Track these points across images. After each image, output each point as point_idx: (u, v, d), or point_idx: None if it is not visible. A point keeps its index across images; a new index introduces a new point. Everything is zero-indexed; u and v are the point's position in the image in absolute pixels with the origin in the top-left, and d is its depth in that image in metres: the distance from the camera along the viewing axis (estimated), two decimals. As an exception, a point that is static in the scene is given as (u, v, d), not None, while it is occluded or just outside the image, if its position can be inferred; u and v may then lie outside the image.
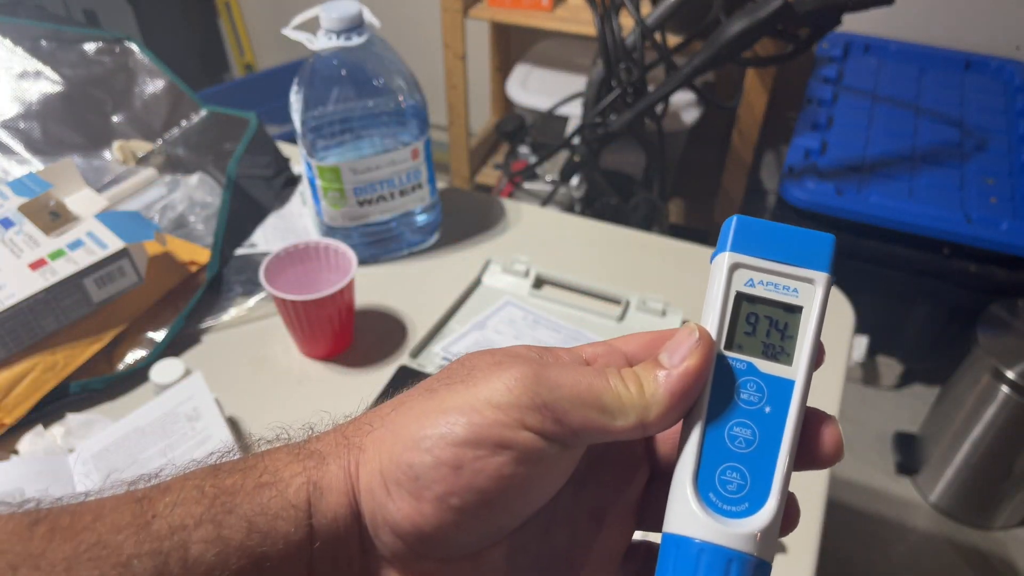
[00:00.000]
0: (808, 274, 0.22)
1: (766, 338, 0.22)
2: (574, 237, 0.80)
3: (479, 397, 0.22)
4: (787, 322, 0.22)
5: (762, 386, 0.22)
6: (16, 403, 0.59)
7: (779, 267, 0.22)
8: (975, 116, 1.40)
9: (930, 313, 1.34)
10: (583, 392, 0.22)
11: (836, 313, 0.70)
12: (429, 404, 0.23)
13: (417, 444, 0.22)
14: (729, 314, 0.22)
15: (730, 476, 0.21)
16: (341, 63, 0.65)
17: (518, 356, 0.23)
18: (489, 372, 0.23)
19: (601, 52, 1.04)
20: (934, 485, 1.31)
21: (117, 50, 0.86)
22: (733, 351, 0.22)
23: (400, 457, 0.22)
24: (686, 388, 0.22)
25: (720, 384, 0.22)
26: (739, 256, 0.22)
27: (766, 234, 0.22)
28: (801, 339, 0.22)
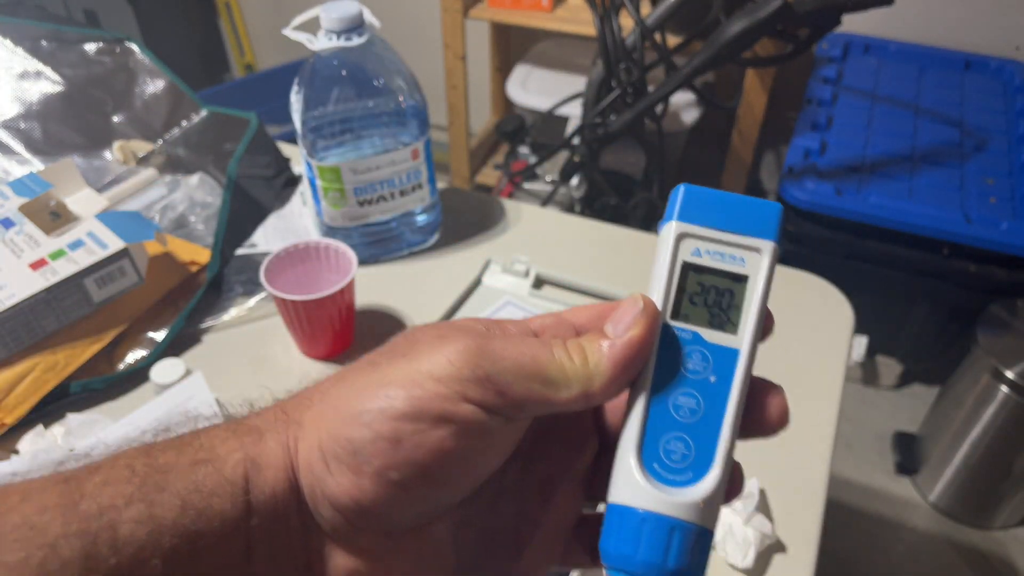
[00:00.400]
0: (755, 243, 0.22)
1: (712, 307, 0.22)
2: (574, 237, 0.80)
3: (420, 370, 0.22)
4: (733, 291, 0.22)
5: (707, 355, 0.22)
6: (16, 403, 0.59)
7: (726, 236, 0.22)
8: (975, 116, 1.40)
9: (930, 313, 1.34)
10: (526, 364, 0.22)
11: (836, 313, 0.70)
12: (370, 378, 0.23)
13: (356, 418, 0.22)
14: (675, 284, 0.22)
15: (674, 446, 0.22)
16: (341, 63, 0.65)
17: (462, 329, 0.23)
18: (432, 345, 0.22)
19: (601, 52, 1.04)
20: (934, 485, 1.31)
21: (117, 50, 0.86)
22: (679, 321, 0.22)
23: (339, 431, 0.22)
24: (629, 358, 0.22)
25: (665, 354, 0.22)
26: (686, 226, 0.22)
27: (713, 203, 0.22)
28: (747, 308, 0.22)
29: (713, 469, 0.21)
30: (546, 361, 0.22)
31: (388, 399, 0.21)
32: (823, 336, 0.68)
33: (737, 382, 0.22)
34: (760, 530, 0.50)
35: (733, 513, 0.51)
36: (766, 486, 0.55)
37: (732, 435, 0.22)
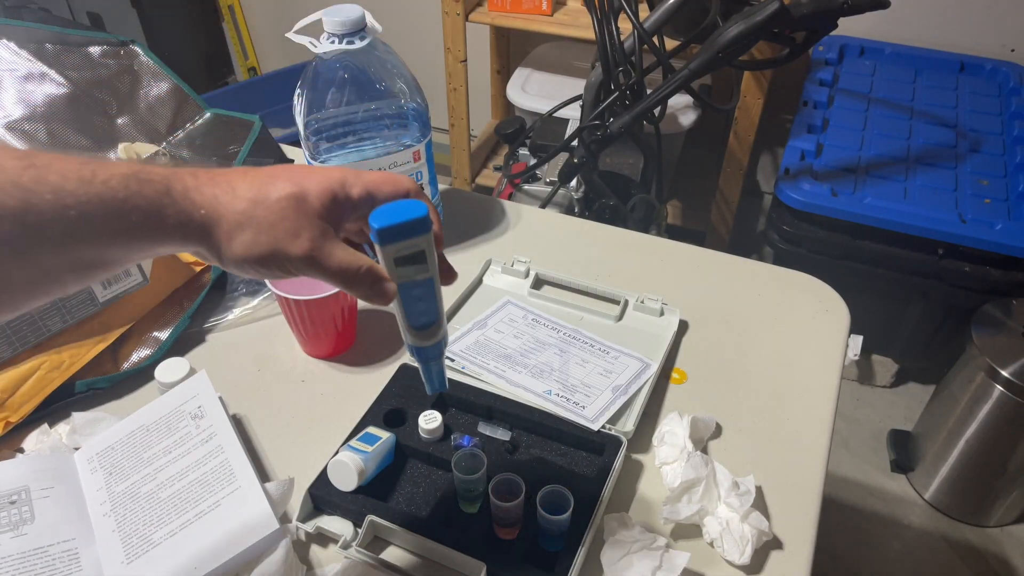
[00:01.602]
0: (423, 239, 0.37)
1: (415, 267, 0.38)
2: (573, 238, 0.81)
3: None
4: (423, 254, 0.38)
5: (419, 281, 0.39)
6: (22, 401, 0.60)
7: (410, 241, 0.37)
8: (969, 118, 1.41)
9: (925, 313, 1.35)
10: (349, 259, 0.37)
11: (832, 313, 0.71)
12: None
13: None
14: (395, 266, 0.38)
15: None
16: (344, 66, 0.66)
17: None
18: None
19: (600, 56, 1.05)
20: (929, 482, 1.32)
21: (122, 53, 0.87)
22: (403, 278, 0.38)
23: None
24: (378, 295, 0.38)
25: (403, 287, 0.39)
26: (388, 247, 0.37)
27: (395, 231, 0.36)
28: (429, 261, 0.38)
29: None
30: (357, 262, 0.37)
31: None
32: (819, 335, 0.69)
33: (435, 282, 0.39)
34: (757, 527, 0.51)
35: (730, 510, 0.52)
36: (763, 483, 0.56)
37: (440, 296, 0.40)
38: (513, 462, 0.56)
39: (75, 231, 0.31)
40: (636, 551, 0.48)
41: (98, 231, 0.32)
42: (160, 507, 0.51)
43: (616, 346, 0.66)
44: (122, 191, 0.32)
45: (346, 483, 0.51)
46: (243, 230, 0.35)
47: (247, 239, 0.35)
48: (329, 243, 0.36)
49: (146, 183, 0.33)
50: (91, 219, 0.31)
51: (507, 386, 0.61)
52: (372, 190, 0.38)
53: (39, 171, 0.31)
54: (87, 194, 0.31)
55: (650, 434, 0.59)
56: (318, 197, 0.36)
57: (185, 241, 0.35)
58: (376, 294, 0.37)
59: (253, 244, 0.35)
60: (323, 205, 0.36)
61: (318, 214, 0.36)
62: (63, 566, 0.48)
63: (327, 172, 0.37)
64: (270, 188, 0.35)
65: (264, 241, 0.35)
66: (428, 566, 0.51)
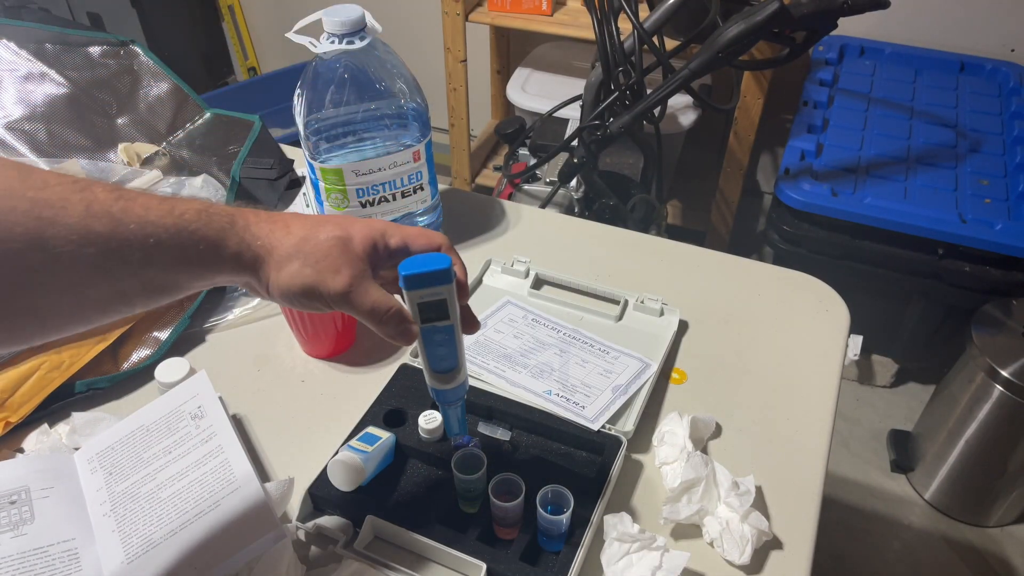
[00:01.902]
0: (445, 288, 0.41)
1: (435, 313, 0.42)
2: (573, 238, 0.81)
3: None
4: (444, 304, 0.41)
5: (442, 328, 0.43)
6: (22, 401, 0.60)
7: (433, 290, 0.41)
8: (969, 118, 1.41)
9: (925, 313, 1.35)
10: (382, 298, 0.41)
11: (831, 313, 0.71)
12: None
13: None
14: (418, 311, 0.42)
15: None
16: (343, 66, 0.66)
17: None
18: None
19: (600, 56, 1.05)
20: (929, 483, 1.32)
21: (122, 53, 0.87)
22: (425, 323, 0.43)
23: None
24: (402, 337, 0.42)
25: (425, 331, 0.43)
26: (412, 292, 0.41)
27: (420, 279, 0.40)
28: (451, 310, 0.42)
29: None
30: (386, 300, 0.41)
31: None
32: (819, 335, 0.69)
33: (456, 330, 0.43)
34: (757, 527, 0.51)
35: (730, 510, 0.52)
36: (763, 483, 0.56)
37: (462, 343, 0.44)
38: (513, 462, 0.56)
39: (151, 257, 0.35)
40: (636, 551, 0.48)
41: (170, 258, 0.36)
42: (160, 507, 0.51)
43: (616, 346, 0.66)
44: (194, 223, 0.37)
45: (346, 483, 0.51)
46: (292, 261, 0.39)
47: (294, 269, 0.39)
48: (366, 283, 0.40)
49: (215, 216, 0.38)
50: (166, 247, 0.35)
51: (507, 386, 0.61)
52: (408, 242, 0.42)
53: (127, 203, 0.35)
54: (165, 225, 0.35)
55: (650, 434, 0.59)
56: (361, 242, 0.41)
57: (238, 271, 0.39)
58: (400, 334, 0.41)
59: (298, 274, 0.39)
60: (364, 250, 0.41)
61: (359, 257, 0.40)
62: (63, 566, 0.48)
63: (370, 223, 0.42)
64: (320, 229, 0.40)
65: (308, 273, 0.39)
66: (428, 566, 0.51)
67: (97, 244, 0.33)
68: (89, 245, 0.33)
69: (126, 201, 0.35)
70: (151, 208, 0.35)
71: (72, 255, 0.32)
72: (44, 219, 0.31)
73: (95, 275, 0.33)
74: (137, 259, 0.34)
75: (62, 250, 0.32)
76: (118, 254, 0.34)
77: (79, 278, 0.33)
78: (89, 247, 0.33)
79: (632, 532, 0.48)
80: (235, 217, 0.39)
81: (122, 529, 0.50)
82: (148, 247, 0.35)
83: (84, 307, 0.35)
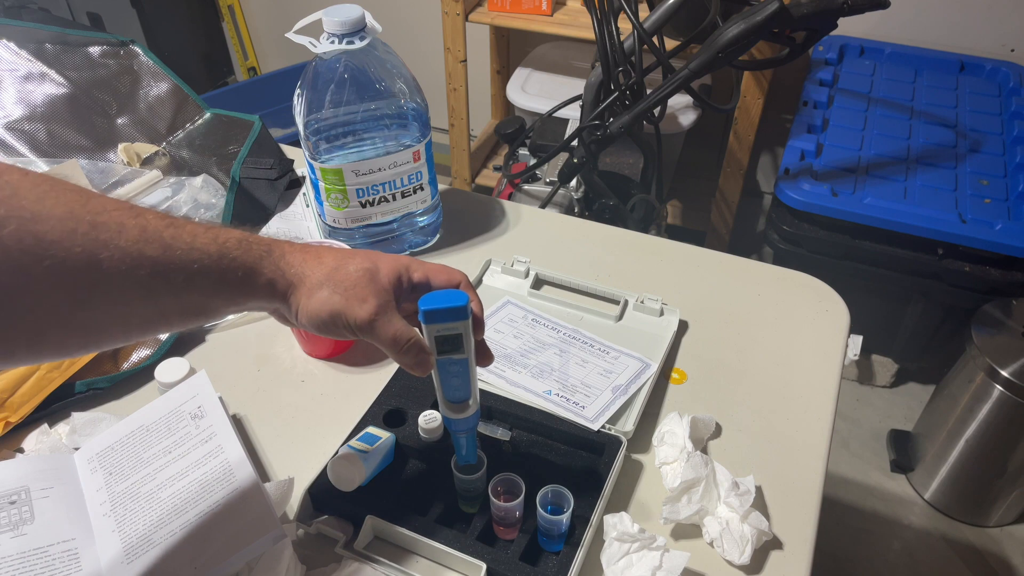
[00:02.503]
0: (461, 324, 0.43)
1: (451, 346, 0.44)
2: (573, 238, 0.81)
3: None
4: (459, 339, 0.44)
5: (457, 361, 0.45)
6: (22, 401, 0.60)
7: (449, 325, 0.43)
8: (969, 118, 1.41)
9: (925, 313, 1.35)
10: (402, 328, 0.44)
11: (831, 313, 0.71)
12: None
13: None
14: (435, 343, 0.44)
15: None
16: (343, 66, 0.66)
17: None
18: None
19: (600, 56, 1.05)
20: (929, 482, 1.32)
21: (122, 53, 0.87)
22: (441, 355, 0.45)
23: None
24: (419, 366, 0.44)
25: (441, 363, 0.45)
26: (430, 326, 0.43)
27: (438, 314, 0.43)
28: (466, 344, 0.44)
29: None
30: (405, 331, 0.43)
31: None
32: (819, 335, 0.69)
33: (470, 364, 0.45)
34: (757, 527, 0.51)
35: (730, 510, 0.52)
36: (763, 483, 0.56)
37: (475, 376, 0.47)
38: (513, 462, 0.56)
39: (193, 281, 0.37)
40: (636, 551, 0.48)
41: (210, 283, 0.38)
42: (160, 507, 0.51)
43: (616, 346, 0.66)
44: (234, 250, 0.39)
45: (346, 483, 0.51)
46: (322, 288, 0.41)
47: (323, 296, 0.41)
48: (389, 313, 0.43)
49: (253, 245, 0.41)
50: (208, 272, 0.38)
51: (507, 386, 0.61)
52: (430, 277, 0.45)
53: (176, 230, 0.37)
54: (209, 252, 0.38)
55: (650, 434, 0.59)
56: (387, 275, 0.43)
57: (270, 297, 0.41)
58: (418, 364, 0.44)
59: (327, 301, 0.41)
60: (390, 282, 0.43)
61: (385, 288, 0.43)
62: (63, 566, 0.48)
63: (396, 258, 0.45)
64: (350, 261, 0.43)
65: (337, 300, 0.41)
66: (428, 566, 0.51)
67: (147, 267, 0.35)
68: (140, 268, 0.35)
69: (175, 228, 0.37)
70: (197, 235, 0.38)
71: (124, 276, 0.35)
72: (101, 241, 0.34)
73: (142, 296, 0.36)
74: (181, 282, 0.37)
75: (115, 271, 0.34)
76: (164, 277, 0.36)
77: (127, 298, 0.35)
78: (140, 269, 0.35)
79: (632, 532, 0.48)
80: (272, 247, 0.41)
81: (122, 529, 0.50)
82: (192, 272, 0.37)
83: (128, 325, 0.37)
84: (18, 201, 0.32)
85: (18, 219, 0.32)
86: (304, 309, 0.41)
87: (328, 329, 0.42)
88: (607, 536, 0.49)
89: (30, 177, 0.33)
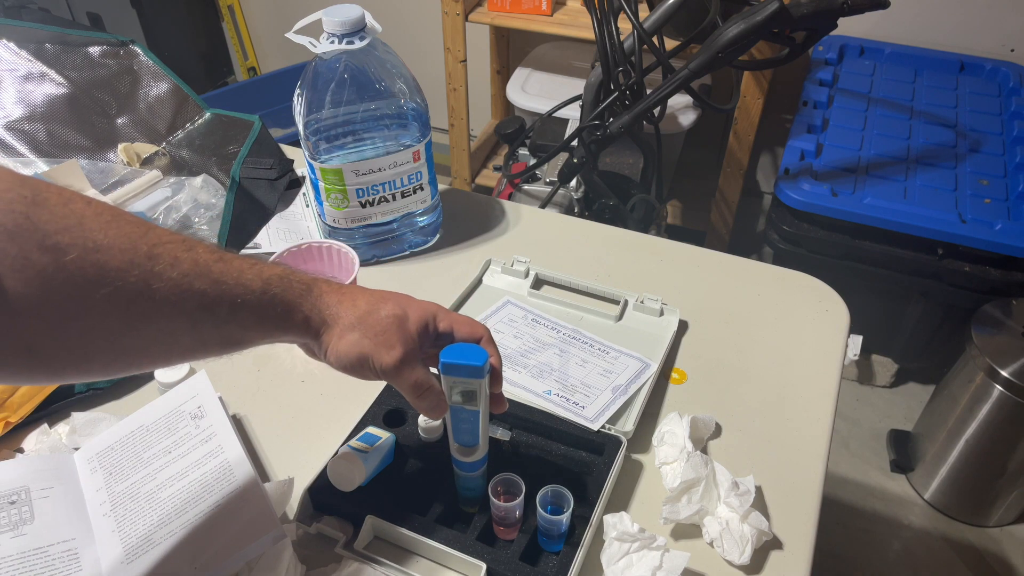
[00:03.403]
0: (476, 382, 0.46)
1: (465, 398, 0.47)
2: (573, 238, 0.81)
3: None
4: (473, 393, 0.46)
5: (468, 411, 0.48)
6: (21, 402, 0.60)
7: (465, 380, 0.46)
8: (969, 118, 1.41)
9: (925, 313, 1.35)
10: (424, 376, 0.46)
11: (831, 313, 0.71)
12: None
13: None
14: (451, 393, 0.47)
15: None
16: (343, 66, 0.66)
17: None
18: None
19: (600, 56, 1.05)
20: (929, 483, 1.32)
21: (121, 53, 0.87)
22: (455, 404, 0.47)
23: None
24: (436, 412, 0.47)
25: (454, 411, 0.48)
26: (448, 377, 0.46)
27: (457, 369, 0.45)
28: (480, 397, 0.46)
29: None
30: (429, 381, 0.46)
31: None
32: (819, 335, 0.69)
33: (483, 414, 0.48)
34: (757, 527, 0.51)
35: (730, 510, 0.52)
36: (763, 483, 0.56)
37: (486, 429, 0.49)
38: (513, 462, 0.56)
39: (235, 314, 0.39)
40: (636, 551, 0.48)
41: (251, 316, 0.40)
42: (160, 507, 0.51)
43: (616, 346, 0.66)
44: (276, 287, 0.41)
45: (346, 483, 0.51)
46: (353, 331, 0.43)
47: (354, 339, 0.43)
48: (413, 360, 0.45)
49: (295, 282, 0.42)
50: (250, 306, 0.39)
51: (507, 386, 0.61)
52: (454, 328, 0.47)
53: (225, 264, 0.39)
54: (253, 287, 0.40)
55: (650, 434, 0.59)
56: (415, 322, 0.45)
57: (303, 334, 0.43)
58: (433, 409, 0.46)
59: (356, 344, 0.43)
60: (417, 329, 0.45)
61: (412, 336, 0.45)
62: (63, 566, 0.48)
63: (425, 305, 0.47)
64: (381, 306, 0.44)
65: (366, 344, 0.43)
66: (428, 566, 0.51)
67: (196, 299, 0.37)
68: (189, 300, 0.37)
69: (224, 263, 0.39)
70: (243, 271, 0.40)
71: (173, 306, 0.36)
72: (155, 272, 0.35)
73: (187, 326, 0.37)
74: (224, 314, 0.38)
75: (166, 301, 0.36)
76: (210, 309, 0.38)
77: (174, 327, 0.37)
78: (189, 301, 0.37)
79: (632, 531, 0.48)
80: (311, 285, 0.43)
81: (122, 529, 0.50)
82: (236, 305, 0.39)
83: (171, 352, 0.39)
84: (83, 231, 0.33)
85: (82, 248, 0.33)
86: (334, 349, 0.43)
87: (354, 370, 0.44)
88: (607, 536, 0.49)
89: (94, 206, 0.35)
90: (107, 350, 0.35)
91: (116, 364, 0.37)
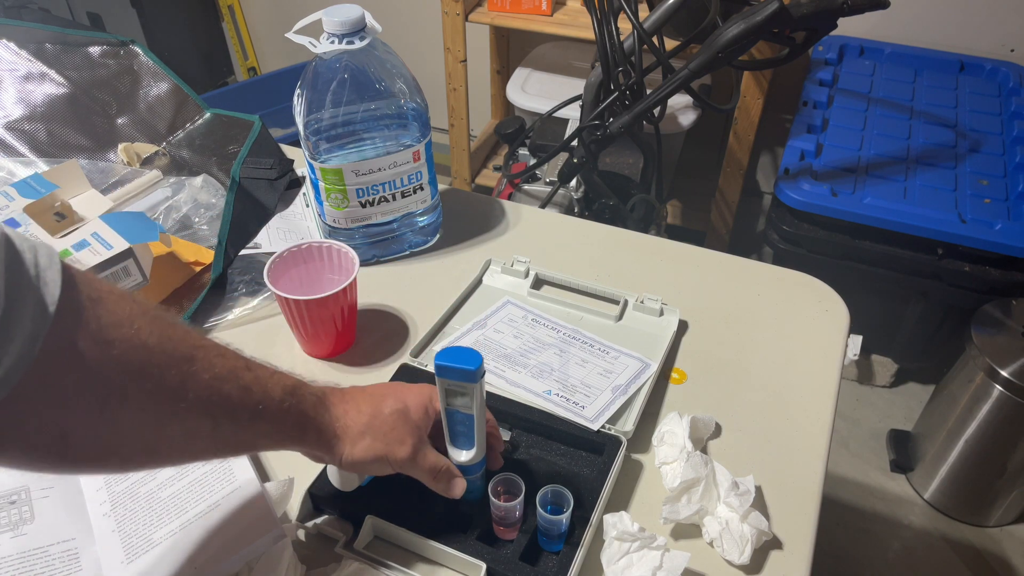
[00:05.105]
0: (470, 386, 0.46)
1: (460, 401, 0.48)
2: (573, 238, 0.81)
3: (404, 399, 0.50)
4: (466, 393, 0.47)
5: (464, 413, 0.48)
6: (23, 401, 0.59)
7: (459, 384, 0.46)
8: (969, 118, 1.41)
9: (924, 313, 1.35)
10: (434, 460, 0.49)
11: (831, 313, 0.71)
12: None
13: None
14: (445, 397, 0.47)
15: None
16: (343, 66, 0.66)
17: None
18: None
19: (600, 56, 1.05)
20: (929, 482, 1.33)
21: (122, 53, 0.87)
22: (449, 407, 0.48)
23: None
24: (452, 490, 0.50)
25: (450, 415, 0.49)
26: (444, 381, 0.46)
27: (449, 371, 0.45)
28: (474, 400, 0.47)
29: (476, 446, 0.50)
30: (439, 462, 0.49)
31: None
32: (819, 335, 0.69)
33: (478, 418, 0.48)
34: (757, 527, 0.51)
35: (730, 510, 0.52)
36: (763, 483, 0.56)
37: (482, 431, 0.49)
38: (513, 462, 0.56)
39: (254, 421, 0.41)
40: (636, 551, 0.48)
41: (269, 424, 0.41)
42: (160, 507, 0.51)
43: (616, 346, 0.66)
44: (292, 397, 0.43)
45: (346, 483, 0.51)
46: (364, 437, 0.46)
47: (366, 444, 0.46)
48: (424, 447, 0.48)
49: (308, 395, 0.44)
50: (269, 414, 0.41)
51: (507, 386, 0.61)
52: None
53: (255, 372, 0.41)
54: (274, 395, 0.41)
55: (650, 434, 0.59)
56: (416, 410, 0.48)
57: (314, 446, 0.45)
58: (449, 487, 0.49)
59: (370, 448, 0.46)
60: (419, 417, 0.48)
61: (417, 425, 0.47)
62: (63, 566, 0.48)
63: (420, 390, 0.49)
64: (383, 405, 0.47)
65: (379, 446, 0.46)
66: (428, 566, 0.51)
67: (222, 403, 0.39)
68: (217, 403, 0.38)
69: (251, 372, 0.41)
70: (270, 382, 0.42)
71: (201, 406, 0.38)
72: (191, 373, 0.37)
73: (209, 427, 0.39)
74: (244, 420, 0.40)
75: (196, 399, 0.37)
76: (233, 414, 0.39)
77: (196, 427, 0.38)
78: (216, 404, 0.38)
79: (632, 531, 0.48)
80: (321, 397, 0.45)
81: (122, 529, 0.50)
82: (256, 412, 0.40)
83: (185, 453, 0.40)
84: (133, 328, 0.35)
85: (130, 344, 0.35)
86: (349, 457, 0.46)
87: (372, 469, 0.47)
88: (607, 536, 0.49)
89: (148, 315, 0.36)
90: (130, 444, 0.36)
91: (134, 460, 0.38)
